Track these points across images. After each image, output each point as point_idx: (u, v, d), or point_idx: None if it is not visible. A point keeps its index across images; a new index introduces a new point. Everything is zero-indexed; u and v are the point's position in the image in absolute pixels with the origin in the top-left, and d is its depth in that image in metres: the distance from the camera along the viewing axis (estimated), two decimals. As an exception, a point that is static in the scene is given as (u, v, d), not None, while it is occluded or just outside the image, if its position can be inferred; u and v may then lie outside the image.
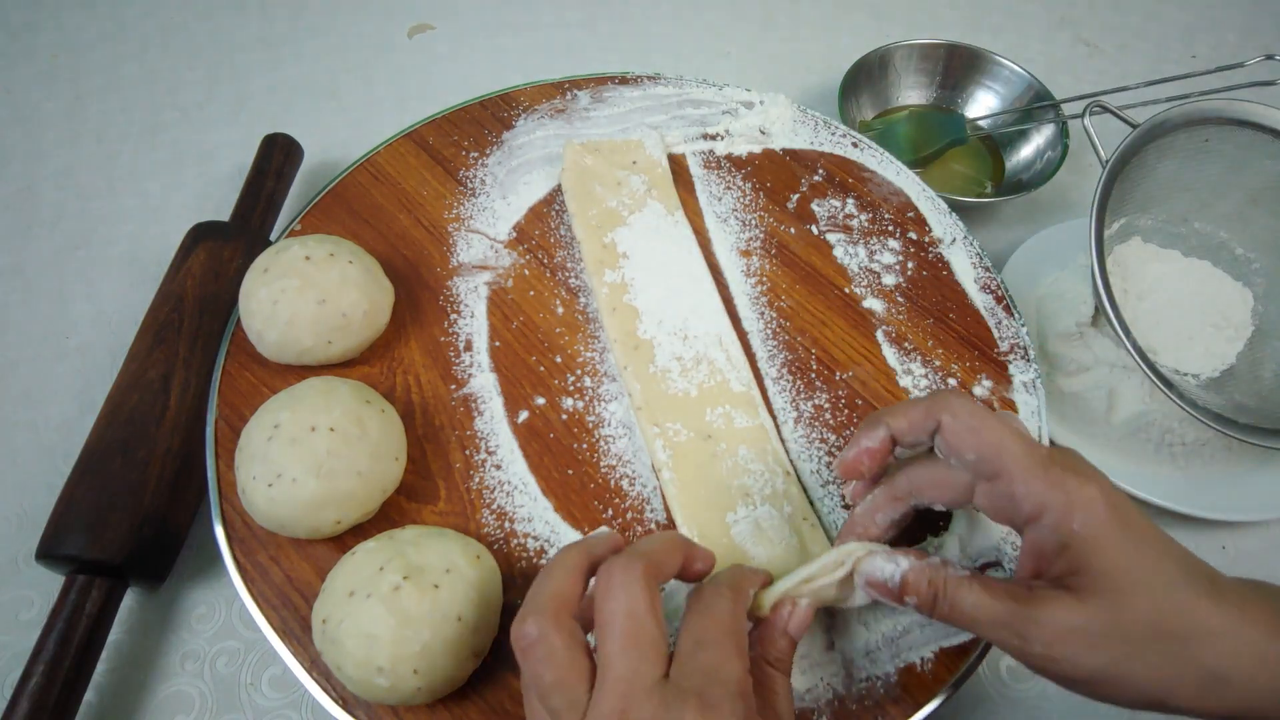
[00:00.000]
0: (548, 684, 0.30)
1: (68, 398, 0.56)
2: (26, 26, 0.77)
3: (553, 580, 0.33)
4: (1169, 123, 0.54)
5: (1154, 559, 0.32)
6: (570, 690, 0.30)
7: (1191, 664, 0.30)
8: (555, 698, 0.30)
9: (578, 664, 0.31)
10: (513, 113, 0.61)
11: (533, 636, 0.31)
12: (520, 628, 0.32)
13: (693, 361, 0.49)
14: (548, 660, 0.31)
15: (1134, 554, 0.32)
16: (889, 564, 0.36)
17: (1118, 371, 0.55)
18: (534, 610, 0.32)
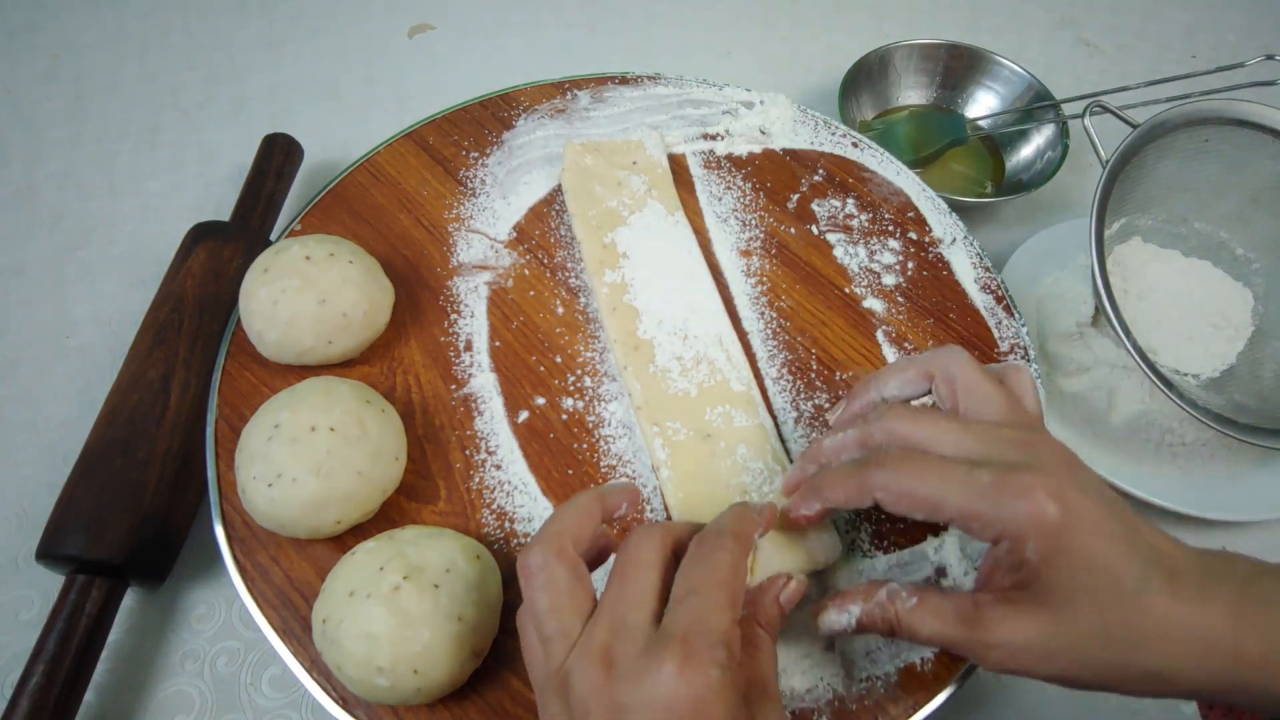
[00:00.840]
0: (544, 609, 0.32)
1: (68, 398, 0.56)
2: (26, 26, 0.77)
3: (563, 517, 0.34)
4: (1169, 123, 0.54)
5: (1111, 570, 0.31)
6: (564, 618, 0.32)
7: (1136, 666, 0.32)
8: (550, 623, 0.32)
9: (576, 596, 0.32)
10: (513, 113, 0.61)
11: (537, 564, 0.32)
12: (526, 556, 0.33)
13: (693, 361, 0.49)
14: (547, 587, 0.32)
15: (1084, 570, 0.31)
16: (841, 615, 0.37)
17: (1118, 371, 0.55)
18: (541, 540, 0.33)
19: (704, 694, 0.29)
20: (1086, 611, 0.31)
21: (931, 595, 0.35)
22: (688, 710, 0.29)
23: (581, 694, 0.30)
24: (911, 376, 0.39)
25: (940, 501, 0.33)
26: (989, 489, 0.32)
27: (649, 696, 0.29)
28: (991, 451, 0.34)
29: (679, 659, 0.29)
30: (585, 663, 0.30)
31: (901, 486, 0.34)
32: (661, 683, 0.29)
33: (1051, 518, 0.31)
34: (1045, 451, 0.34)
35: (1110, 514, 0.32)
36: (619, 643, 0.30)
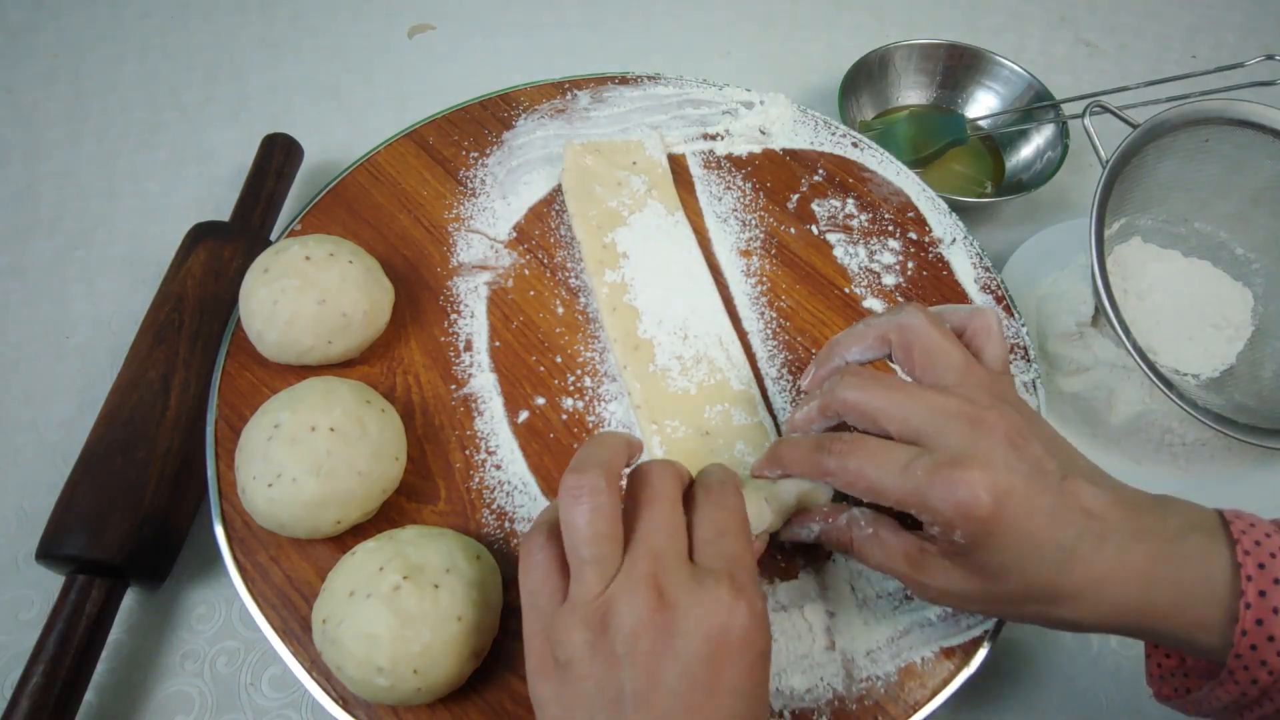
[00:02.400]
0: (588, 534, 0.31)
1: (68, 398, 0.56)
2: (26, 26, 0.77)
3: (608, 448, 0.34)
4: (1169, 123, 0.54)
5: (1029, 550, 0.33)
6: (606, 545, 0.32)
7: (1050, 617, 0.35)
8: (591, 548, 0.31)
9: (617, 527, 0.32)
10: (513, 113, 0.61)
11: (590, 486, 0.32)
12: (577, 477, 0.32)
13: (693, 361, 0.49)
14: (598, 512, 0.32)
15: (1010, 550, 0.33)
16: (803, 530, 0.40)
17: (1118, 371, 0.55)
18: (596, 464, 0.33)
19: (751, 624, 0.31)
20: (1011, 579, 0.34)
21: (885, 529, 0.37)
22: (740, 636, 0.31)
23: (630, 622, 0.30)
24: (871, 342, 0.40)
25: (881, 490, 0.35)
26: (922, 482, 0.34)
27: (705, 624, 0.30)
28: (937, 430, 0.35)
29: (731, 590, 0.31)
30: (634, 590, 0.31)
31: (847, 476, 0.36)
32: (718, 611, 0.31)
33: (978, 511, 0.33)
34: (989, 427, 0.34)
35: (1043, 490, 0.34)
36: (665, 573, 0.31)
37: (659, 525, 0.33)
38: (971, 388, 0.36)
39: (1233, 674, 0.32)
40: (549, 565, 0.33)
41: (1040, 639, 0.50)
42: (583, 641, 0.31)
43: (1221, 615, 0.32)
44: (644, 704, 0.30)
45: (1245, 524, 0.33)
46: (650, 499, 0.34)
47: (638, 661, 0.30)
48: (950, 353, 0.38)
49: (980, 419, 0.35)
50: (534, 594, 0.33)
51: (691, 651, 0.30)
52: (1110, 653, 0.50)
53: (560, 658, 0.31)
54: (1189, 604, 0.33)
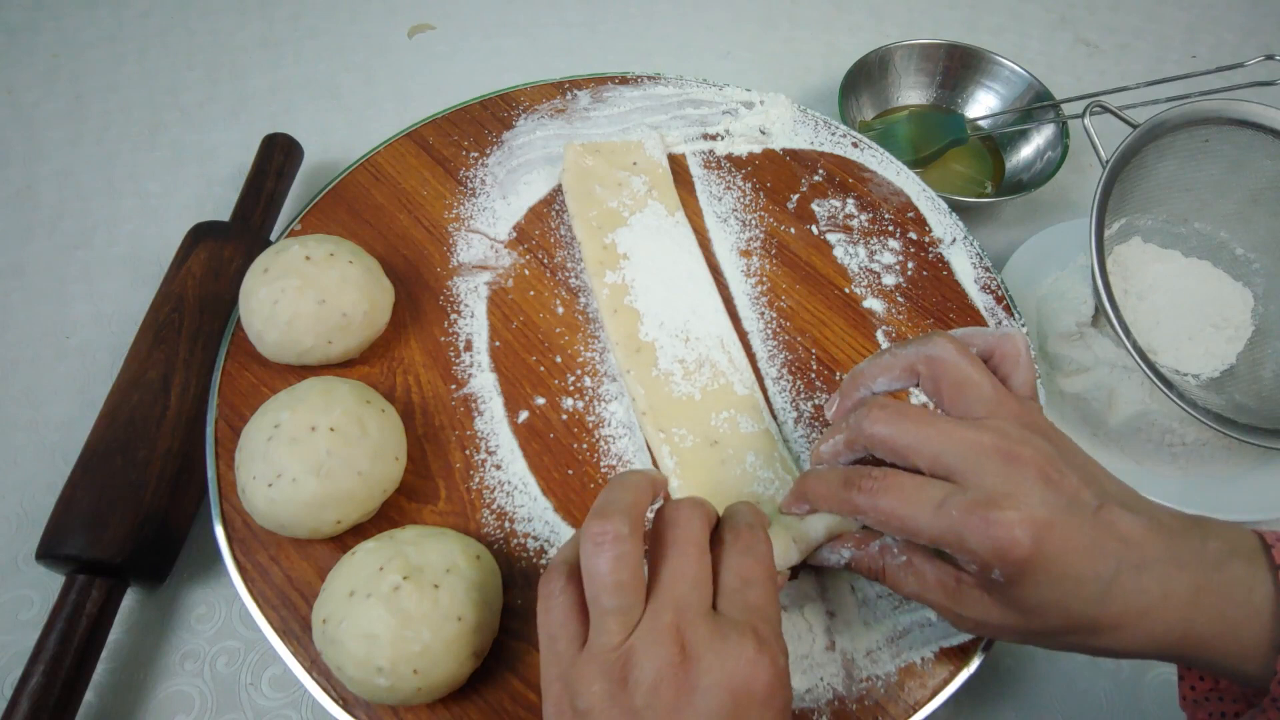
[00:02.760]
0: (612, 583, 0.31)
1: (68, 398, 0.56)
2: (26, 26, 0.77)
3: (632, 492, 0.34)
4: (1169, 123, 0.54)
5: (1070, 584, 0.32)
6: (630, 595, 0.31)
7: (1091, 648, 0.34)
8: (614, 599, 0.31)
9: (640, 576, 0.32)
10: (513, 113, 0.61)
11: (614, 533, 0.31)
12: (603, 523, 0.31)
13: (695, 364, 0.49)
14: (621, 560, 0.31)
15: (1049, 587, 0.33)
16: (833, 555, 0.39)
17: (1118, 371, 0.55)
18: (621, 511, 0.32)
19: (774, 680, 0.31)
20: (1051, 614, 0.33)
21: (919, 558, 0.36)
22: (763, 692, 0.30)
23: (651, 675, 0.30)
24: (898, 373, 0.39)
25: (915, 530, 0.34)
26: (957, 522, 0.33)
27: (727, 679, 0.30)
28: (970, 467, 0.34)
29: (755, 645, 0.31)
30: (656, 641, 0.30)
31: (878, 514, 0.35)
32: (742, 666, 0.30)
33: (1016, 552, 0.32)
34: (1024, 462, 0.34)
35: (1080, 523, 0.33)
36: (688, 625, 0.31)
37: (684, 575, 0.32)
38: (1003, 420, 0.35)
39: (1276, 701, 0.32)
40: (568, 609, 0.33)
41: (1040, 639, 0.50)
42: (602, 692, 0.30)
43: (1265, 642, 0.32)
44: None
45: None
46: (676, 543, 0.33)
47: (658, 715, 0.29)
48: (980, 384, 0.36)
49: (1014, 454, 0.34)
50: (553, 638, 0.32)
51: (713, 707, 0.29)
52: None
53: (579, 706, 0.30)
54: (1231, 632, 0.32)
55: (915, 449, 0.35)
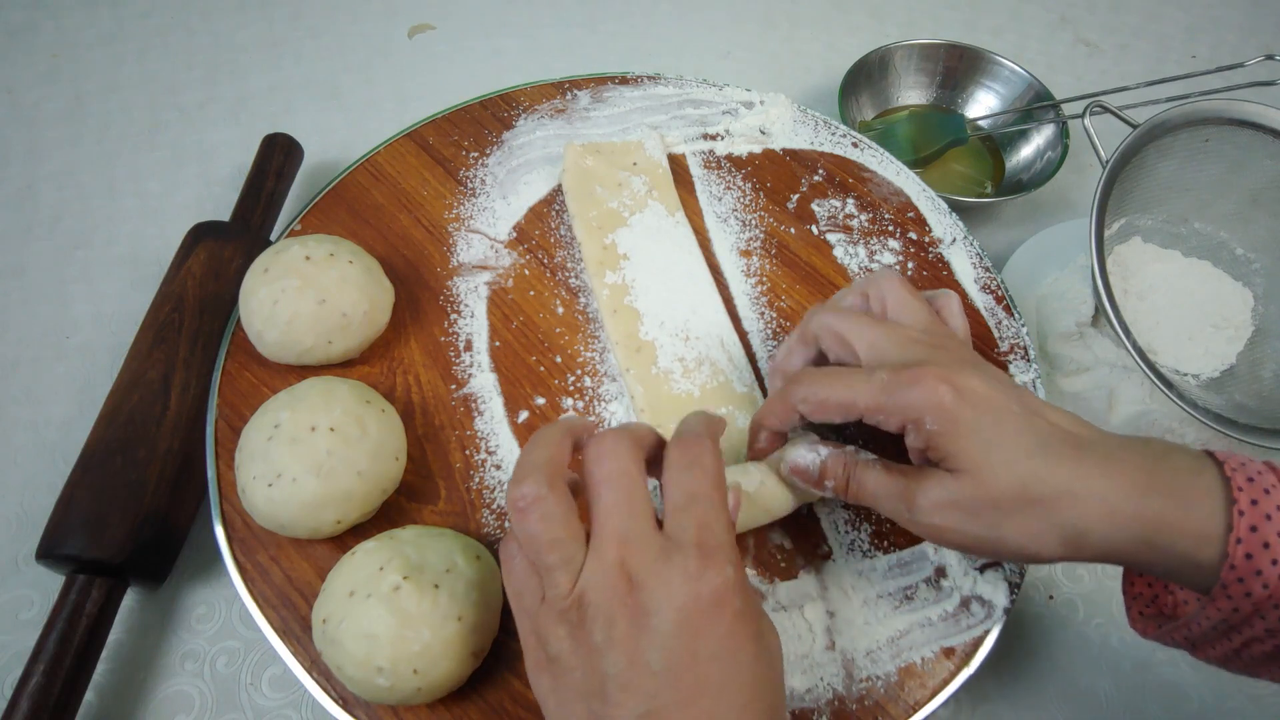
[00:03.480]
0: (545, 541, 0.32)
1: (68, 398, 0.56)
2: (26, 26, 0.77)
3: (543, 447, 0.34)
4: (1169, 123, 0.54)
5: (1011, 434, 0.34)
6: (566, 547, 0.32)
7: (1053, 524, 0.34)
8: (552, 554, 0.32)
9: (572, 524, 0.32)
10: (513, 113, 0.61)
11: (532, 495, 0.32)
12: (518, 488, 0.32)
13: (695, 363, 0.49)
14: (547, 519, 0.32)
15: (989, 434, 0.35)
16: (810, 453, 0.40)
17: (1118, 371, 0.55)
18: (531, 471, 0.32)
19: (723, 591, 0.31)
20: (1001, 472, 0.34)
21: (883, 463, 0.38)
22: (710, 607, 0.31)
23: (604, 608, 0.31)
24: (852, 301, 0.43)
25: (850, 402, 0.37)
26: (887, 384, 0.36)
27: (675, 599, 0.31)
28: (901, 350, 0.38)
29: (698, 562, 0.31)
30: (603, 579, 0.31)
31: (816, 396, 0.38)
32: (685, 582, 0.31)
33: (943, 398, 0.35)
34: (950, 349, 0.38)
35: (1008, 396, 0.35)
36: (632, 555, 0.31)
37: (617, 507, 0.32)
38: (933, 331, 0.40)
39: (1226, 587, 0.32)
40: (525, 568, 0.33)
41: (1041, 638, 0.50)
42: (565, 635, 0.31)
43: (1219, 525, 0.32)
44: (628, 685, 0.30)
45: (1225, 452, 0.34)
46: (607, 477, 0.33)
47: (616, 645, 0.30)
48: (920, 309, 0.41)
49: (942, 345, 0.38)
50: (518, 596, 0.34)
51: (666, 626, 0.30)
52: (1111, 652, 0.50)
53: (550, 653, 0.32)
54: (1186, 513, 0.33)
55: (855, 333, 0.39)
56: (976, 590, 0.43)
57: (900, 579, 0.43)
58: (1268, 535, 0.31)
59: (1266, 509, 0.32)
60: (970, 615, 0.43)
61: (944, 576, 0.44)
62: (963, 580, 0.43)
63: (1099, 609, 0.51)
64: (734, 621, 0.31)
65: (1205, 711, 0.48)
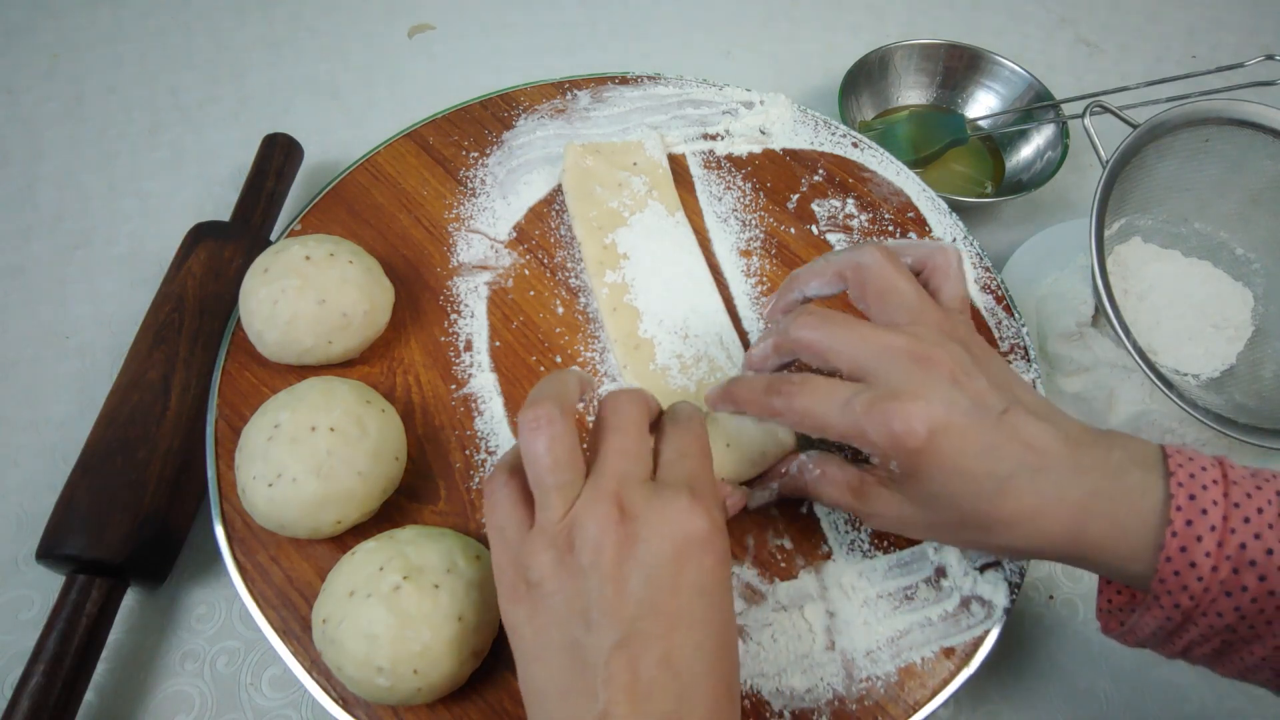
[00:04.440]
0: (549, 462, 0.32)
1: (68, 398, 0.56)
2: (26, 26, 0.77)
3: (557, 384, 0.35)
4: (1169, 123, 0.54)
5: (961, 480, 0.35)
6: (567, 472, 0.33)
7: (987, 544, 0.37)
8: (553, 475, 0.32)
9: (576, 454, 0.33)
10: (513, 113, 0.61)
11: (545, 417, 0.33)
12: (532, 410, 0.33)
13: (693, 359, 0.49)
14: (555, 441, 0.32)
15: (942, 481, 0.35)
16: (764, 492, 0.43)
17: (1118, 371, 0.55)
18: (545, 399, 0.33)
19: (710, 529, 0.32)
20: (946, 508, 0.36)
21: (831, 468, 0.40)
22: (698, 544, 0.32)
23: (594, 534, 0.31)
24: (829, 278, 0.41)
25: (825, 425, 0.37)
26: (860, 415, 0.36)
27: (665, 529, 0.32)
28: (882, 367, 0.36)
29: (690, 498, 0.33)
30: (597, 507, 0.32)
31: (794, 414, 0.38)
32: (676, 515, 0.32)
33: (911, 442, 0.35)
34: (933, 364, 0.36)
35: (982, 423, 0.35)
36: (626, 490, 0.33)
37: (623, 450, 0.34)
38: (922, 326, 0.38)
39: (1158, 599, 0.33)
40: (513, 499, 0.34)
41: (1041, 638, 0.50)
42: (550, 560, 0.32)
43: (1150, 545, 0.33)
44: (610, 610, 0.31)
45: (1184, 458, 0.34)
46: (616, 426, 0.35)
47: (602, 571, 0.31)
48: (904, 292, 0.39)
49: (925, 356, 0.36)
50: (501, 528, 0.34)
51: (653, 555, 0.31)
52: (1111, 652, 0.50)
53: (531, 579, 0.32)
54: (1121, 536, 0.34)
55: (834, 351, 0.38)
56: (976, 590, 0.43)
57: (900, 579, 0.43)
58: (1195, 555, 0.32)
59: (1199, 530, 0.32)
60: (970, 615, 0.43)
61: (944, 576, 0.44)
62: (963, 580, 0.43)
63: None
64: (716, 563, 0.33)
65: (1205, 711, 0.48)
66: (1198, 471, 0.34)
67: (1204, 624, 0.33)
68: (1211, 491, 0.33)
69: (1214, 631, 0.33)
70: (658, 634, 0.31)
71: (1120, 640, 0.38)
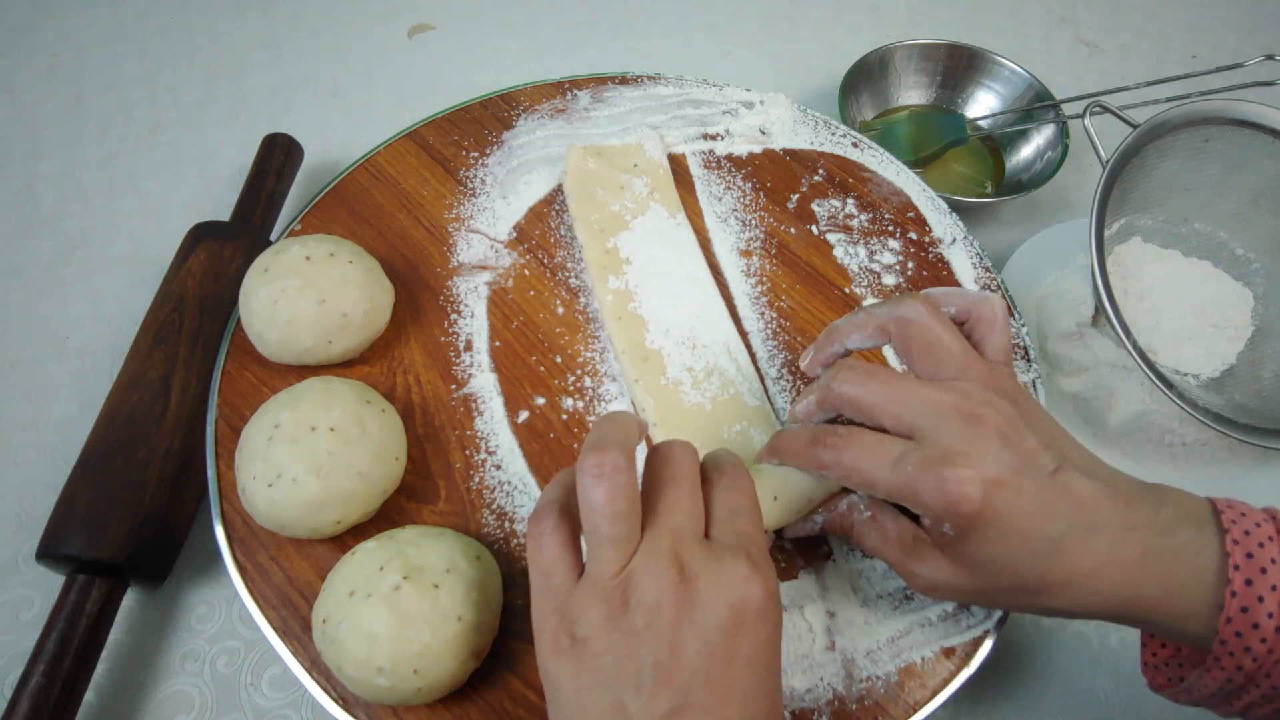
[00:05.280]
0: (609, 514, 0.31)
1: (68, 398, 0.56)
2: (26, 26, 0.77)
3: (624, 430, 0.34)
4: (1169, 123, 0.54)
5: (1017, 543, 0.34)
6: (627, 524, 0.32)
7: (1040, 608, 0.36)
8: (613, 527, 0.31)
9: (637, 505, 0.32)
10: (513, 113, 0.61)
11: (612, 465, 0.31)
12: (600, 455, 0.32)
13: (704, 373, 0.48)
14: (619, 491, 0.31)
15: (996, 545, 0.34)
16: (805, 525, 0.42)
17: (1118, 371, 0.55)
18: (616, 444, 0.32)
19: (767, 597, 0.32)
20: (1001, 572, 0.35)
21: (883, 514, 0.39)
22: (757, 608, 0.31)
23: (652, 595, 0.31)
24: (870, 331, 0.40)
25: (874, 483, 0.36)
26: (912, 477, 0.35)
27: (725, 595, 0.31)
28: (930, 425, 0.35)
29: (749, 564, 0.32)
30: (655, 565, 0.31)
31: (840, 469, 0.37)
32: (739, 583, 0.31)
33: (966, 506, 0.34)
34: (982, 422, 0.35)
35: (1034, 483, 0.34)
36: (685, 550, 0.32)
37: (680, 506, 0.33)
38: (968, 382, 0.36)
39: (1219, 660, 0.33)
40: (562, 544, 0.33)
41: (1041, 638, 0.50)
42: (601, 618, 0.31)
43: (1208, 604, 0.33)
44: (664, 675, 0.30)
45: (1236, 514, 0.34)
46: (672, 479, 0.34)
47: (658, 634, 0.30)
48: (949, 347, 0.37)
49: (974, 414, 0.35)
50: (548, 574, 0.33)
51: (712, 623, 0.30)
52: (1110, 653, 0.50)
53: (578, 634, 0.31)
54: (1178, 595, 0.33)
55: (880, 408, 0.37)
56: (976, 590, 0.43)
57: (900, 579, 0.43)
58: (1258, 616, 0.32)
59: (1260, 589, 0.32)
60: (970, 615, 0.43)
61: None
62: (963, 580, 0.43)
63: (1099, 609, 0.51)
64: (771, 633, 0.32)
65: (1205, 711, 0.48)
66: (1252, 528, 0.33)
67: (1266, 685, 0.32)
68: (1269, 549, 0.32)
69: (1277, 692, 0.32)
70: (710, 706, 0.30)
71: (1173, 699, 0.37)
